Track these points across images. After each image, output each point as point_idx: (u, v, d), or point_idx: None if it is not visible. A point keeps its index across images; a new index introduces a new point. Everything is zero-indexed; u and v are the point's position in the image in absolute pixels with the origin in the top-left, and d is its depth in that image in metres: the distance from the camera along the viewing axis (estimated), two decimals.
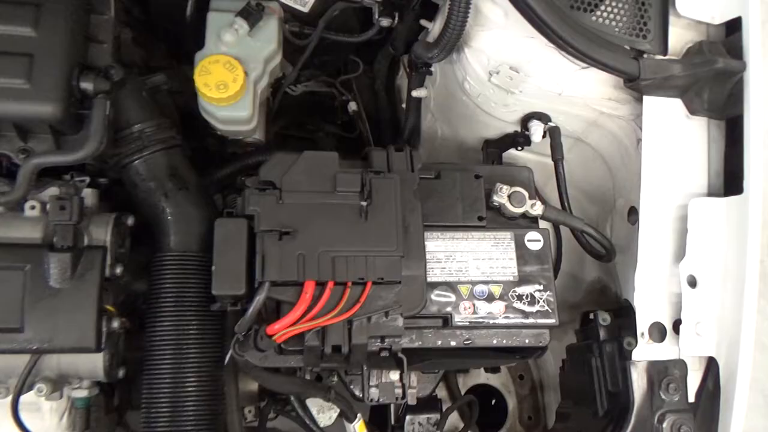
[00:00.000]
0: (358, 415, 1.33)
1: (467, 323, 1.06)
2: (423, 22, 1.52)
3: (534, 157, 1.47)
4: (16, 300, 1.03)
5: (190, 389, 1.11)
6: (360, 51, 1.80)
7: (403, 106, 1.83)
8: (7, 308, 1.03)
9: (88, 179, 1.13)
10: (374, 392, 1.37)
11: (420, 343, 1.08)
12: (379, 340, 1.02)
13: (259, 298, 0.96)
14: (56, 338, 1.04)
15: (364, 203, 1.02)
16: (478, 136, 1.46)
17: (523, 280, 1.10)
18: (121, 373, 1.17)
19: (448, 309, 1.06)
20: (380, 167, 1.08)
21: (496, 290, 1.08)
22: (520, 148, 1.38)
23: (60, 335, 1.04)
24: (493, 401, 1.81)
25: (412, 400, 1.40)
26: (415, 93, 1.57)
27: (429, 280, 1.06)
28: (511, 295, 1.09)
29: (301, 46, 1.45)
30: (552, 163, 1.32)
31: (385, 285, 1.01)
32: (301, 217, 1.00)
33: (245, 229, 0.99)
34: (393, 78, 1.98)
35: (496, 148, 1.42)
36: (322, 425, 1.45)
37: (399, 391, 1.36)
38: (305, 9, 1.48)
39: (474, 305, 1.07)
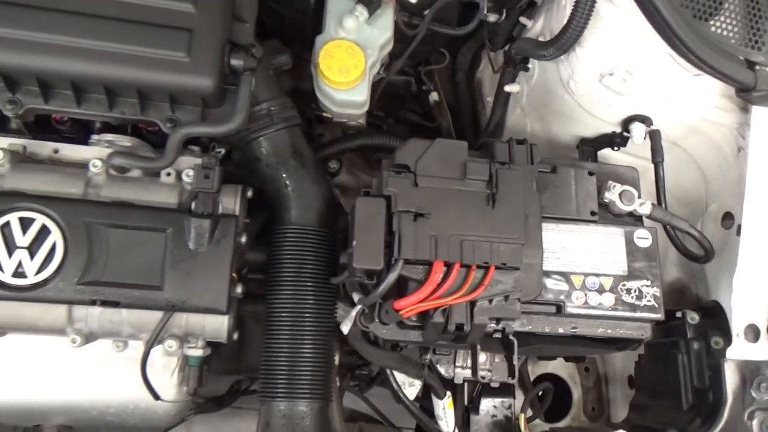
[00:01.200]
0: (448, 393, 1.39)
1: (578, 312, 1.12)
2: (522, 19, 1.57)
3: (624, 157, 1.51)
4: (157, 260, 1.10)
5: (306, 355, 1.17)
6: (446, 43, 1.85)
7: (489, 99, 1.89)
8: (149, 267, 1.10)
9: (223, 151, 1.19)
10: (459, 372, 1.45)
11: (530, 327, 1.14)
12: (494, 322, 1.08)
13: (393, 275, 1.02)
14: (192, 298, 1.11)
15: (491, 191, 1.08)
16: (573, 134, 1.50)
17: (632, 275, 1.15)
18: (235, 336, 1.24)
19: (562, 297, 1.12)
20: (503, 158, 1.13)
21: (607, 283, 1.14)
22: (616, 148, 1.43)
23: (195, 296, 1.11)
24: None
25: (495, 383, 1.47)
26: (507, 88, 1.62)
27: (544, 268, 1.11)
28: (620, 288, 1.14)
29: (409, 36, 1.49)
30: (642, 165, 1.37)
31: (506, 270, 1.07)
32: (434, 200, 1.06)
33: (384, 208, 1.04)
34: (474, 71, 2.03)
35: (591, 146, 1.47)
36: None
37: (484, 373, 1.43)
38: (413, 0, 1.53)
39: (586, 295, 1.12)
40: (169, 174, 1.18)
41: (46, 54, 1.00)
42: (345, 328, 1.16)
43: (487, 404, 1.55)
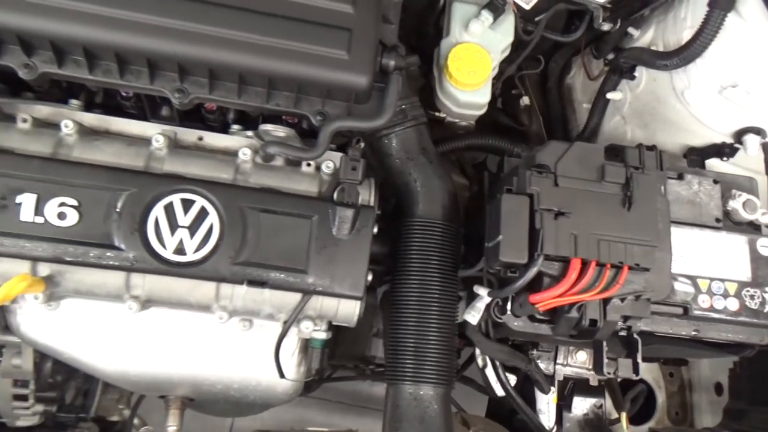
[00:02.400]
0: (552, 388, 1.44)
1: (704, 315, 1.16)
2: (631, 29, 1.61)
3: (729, 167, 1.54)
4: (303, 245, 1.17)
5: (432, 342, 1.23)
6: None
7: (586, 106, 1.93)
8: (295, 251, 1.16)
9: (363, 144, 1.25)
10: (560, 369, 1.50)
11: (653, 328, 1.18)
12: (622, 320, 1.13)
13: (534, 269, 1.07)
14: (333, 283, 1.18)
15: (627, 194, 1.12)
16: (680, 143, 1.53)
17: (755, 282, 1.19)
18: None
19: (688, 300, 1.16)
20: (634, 163, 1.18)
21: (731, 288, 1.18)
22: (725, 158, 1.46)
23: (337, 281, 1.18)
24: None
25: (594, 381, 1.52)
26: (610, 95, 1.66)
27: (672, 271, 1.15)
28: (744, 294, 1.18)
29: (525, 41, 1.54)
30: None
31: (638, 271, 1.11)
32: (572, 200, 1.11)
33: (527, 205, 1.09)
34: (563, 77, 2.07)
35: (699, 156, 1.50)
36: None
37: (582, 371, 1.48)
38: (528, 6, 1.57)
39: (712, 299, 1.16)
40: (309, 164, 1.25)
41: (218, 47, 1.07)
42: (473, 319, 1.21)
43: (579, 402, 1.60)
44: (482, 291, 1.23)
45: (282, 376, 1.31)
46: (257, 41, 1.07)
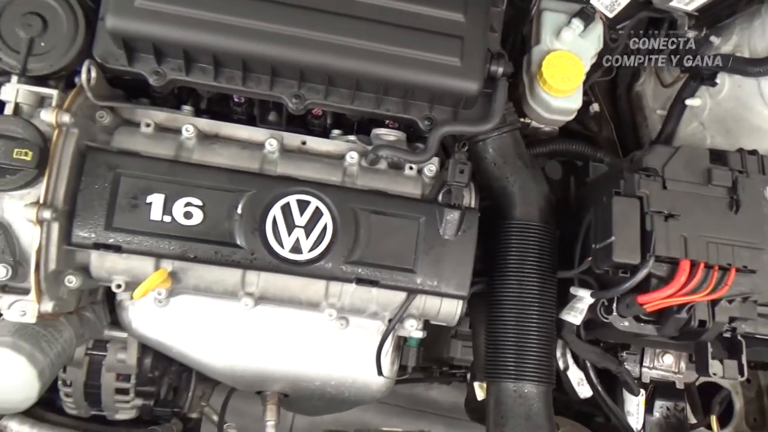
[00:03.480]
0: (642, 391, 1.46)
1: None
2: (713, 38, 1.62)
3: None
4: (411, 246, 1.21)
5: (533, 340, 1.25)
6: None
7: (660, 112, 1.94)
8: (404, 251, 1.20)
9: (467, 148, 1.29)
10: (646, 371, 1.51)
11: (755, 329, 1.19)
12: (728, 322, 1.15)
13: (644, 270, 1.09)
14: (440, 283, 1.21)
15: (733, 198, 1.14)
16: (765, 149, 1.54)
17: None
18: None
19: None
20: (737, 167, 1.20)
21: None
22: None
23: (443, 281, 1.21)
24: None
25: (680, 384, 1.53)
26: (689, 101, 1.68)
27: None
28: None
29: (610, 48, 1.57)
30: None
31: (745, 273, 1.13)
32: (681, 203, 1.13)
33: (638, 207, 1.12)
34: (633, 84, 2.09)
35: None
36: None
37: (668, 374, 1.49)
38: (611, 15, 1.60)
39: None
40: (411, 168, 1.29)
41: (340, 55, 1.12)
42: (575, 319, 1.24)
43: (660, 406, 1.61)
44: (582, 292, 1.25)
45: (380, 373, 1.35)
46: (376, 49, 1.12)
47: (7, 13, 1.10)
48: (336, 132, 1.35)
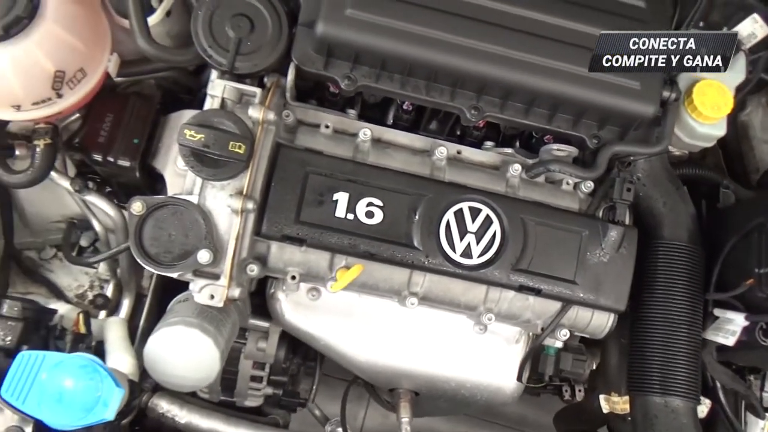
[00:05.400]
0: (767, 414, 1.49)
1: None
2: None
3: None
4: (573, 258, 1.25)
5: (681, 356, 1.29)
6: None
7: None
8: (566, 263, 1.25)
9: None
10: (766, 396, 1.54)
11: None
12: None
13: None
14: (599, 296, 1.26)
15: None
16: None
17: None
18: None
19: None
20: None
21: None
22: None
23: (602, 294, 1.26)
24: None
25: None
26: None
27: None
28: None
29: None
30: None
31: None
32: None
33: None
34: (738, 114, 2.13)
35: None
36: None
37: None
38: (746, 47, 1.65)
39: None
40: (568, 183, 1.34)
41: (529, 72, 1.17)
42: (728, 341, 1.28)
43: None
44: (731, 314, 1.29)
45: (520, 379, 1.40)
46: (561, 68, 1.18)
47: (218, 14, 1.17)
48: (489, 143, 1.41)
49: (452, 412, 1.74)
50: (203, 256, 1.11)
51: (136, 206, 1.12)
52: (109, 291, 1.59)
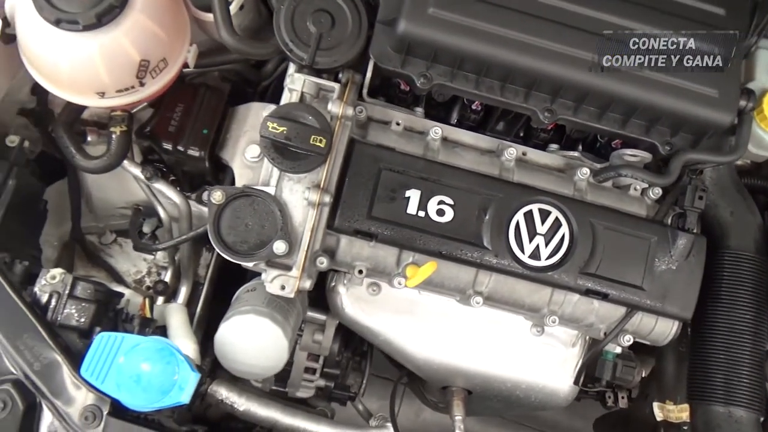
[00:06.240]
0: None
1: None
2: None
3: None
4: (641, 264, 1.25)
5: (745, 367, 1.28)
6: None
7: None
8: (634, 269, 1.25)
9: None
10: None
11: None
12: None
13: None
14: (665, 303, 1.26)
15: None
16: None
17: None
18: None
19: None
20: None
21: None
22: None
23: (669, 301, 1.26)
24: None
25: None
26: None
27: None
28: None
29: None
30: None
31: None
32: None
33: None
34: None
35: None
36: None
37: None
38: None
39: None
40: (635, 189, 1.34)
41: (607, 77, 1.17)
42: None
43: None
44: None
45: (577, 382, 1.40)
46: (640, 74, 1.17)
47: (300, 9, 1.18)
48: (554, 146, 1.41)
49: (503, 412, 1.75)
50: (279, 246, 1.13)
51: (217, 195, 1.14)
52: (167, 278, 1.63)
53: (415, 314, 1.39)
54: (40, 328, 1.10)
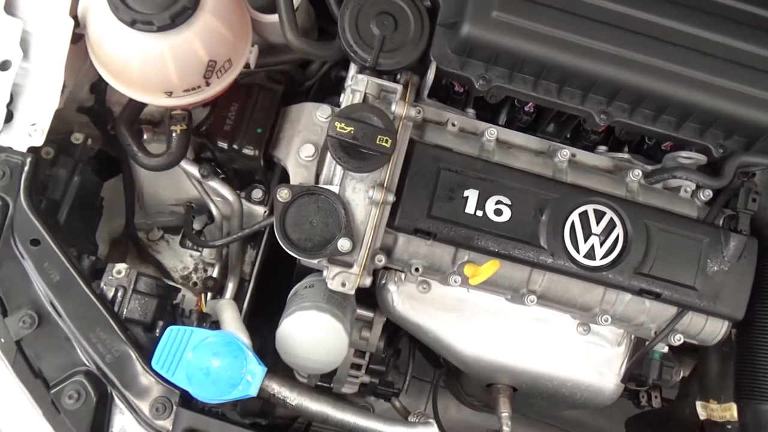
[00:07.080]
0: None
1: None
2: None
3: None
4: (693, 264, 1.27)
5: None
6: None
7: None
8: (687, 269, 1.27)
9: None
10: None
11: None
12: None
13: None
14: (717, 304, 1.28)
15: None
16: None
17: None
18: None
19: None
20: None
21: None
22: None
23: (720, 302, 1.28)
24: None
25: None
26: None
27: None
28: None
29: None
30: None
31: None
32: None
33: None
34: None
35: None
36: None
37: None
38: None
39: None
40: (686, 190, 1.36)
41: (664, 80, 1.19)
42: None
43: None
44: None
45: (625, 381, 1.42)
46: (698, 77, 1.19)
47: (364, 12, 1.21)
48: (602, 148, 1.43)
49: (546, 410, 1.76)
50: (344, 244, 1.15)
51: (284, 193, 1.16)
52: (215, 274, 1.66)
53: (463, 312, 1.41)
54: (112, 321, 1.12)
